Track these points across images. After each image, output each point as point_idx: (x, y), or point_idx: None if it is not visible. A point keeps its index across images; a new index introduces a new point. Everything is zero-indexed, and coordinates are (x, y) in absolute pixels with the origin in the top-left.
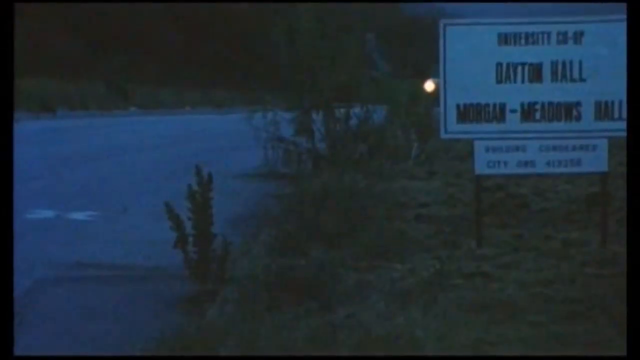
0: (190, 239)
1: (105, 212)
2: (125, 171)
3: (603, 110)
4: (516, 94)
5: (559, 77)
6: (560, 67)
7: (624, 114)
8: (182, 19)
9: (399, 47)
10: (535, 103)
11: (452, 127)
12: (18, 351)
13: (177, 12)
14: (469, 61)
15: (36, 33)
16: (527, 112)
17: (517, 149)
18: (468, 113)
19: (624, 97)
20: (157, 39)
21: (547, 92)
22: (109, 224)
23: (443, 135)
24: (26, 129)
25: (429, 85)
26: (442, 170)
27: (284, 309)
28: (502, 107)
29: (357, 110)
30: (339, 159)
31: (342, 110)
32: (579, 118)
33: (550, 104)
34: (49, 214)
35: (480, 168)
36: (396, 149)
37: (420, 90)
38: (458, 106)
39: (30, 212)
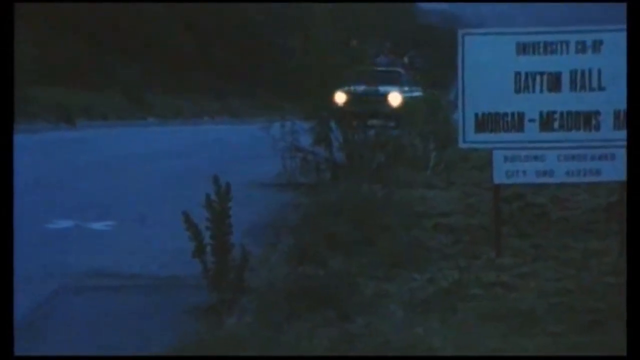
0: (209, 248)
1: (124, 222)
2: (143, 181)
3: (622, 119)
4: (535, 103)
5: (578, 86)
6: (579, 76)
7: None
8: (201, 28)
9: (416, 55)
10: (554, 112)
11: (470, 137)
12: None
13: (196, 21)
14: (487, 71)
15: (55, 44)
16: (546, 121)
17: (535, 158)
18: (486, 122)
19: None
20: (175, 49)
21: (566, 101)
22: (127, 234)
23: (461, 145)
24: (46, 139)
25: (340, 97)
26: (461, 180)
27: (302, 319)
28: (521, 116)
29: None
30: (357, 168)
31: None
32: (597, 127)
33: (569, 113)
34: (68, 223)
35: (499, 177)
36: (414, 158)
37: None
38: (476, 115)
39: (49, 222)
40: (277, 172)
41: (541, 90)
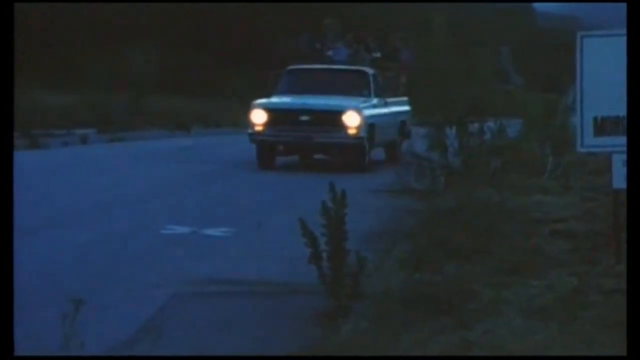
0: (324, 254)
1: (239, 228)
2: (258, 187)
3: None
4: None
5: None
6: None
7: None
8: (307, 32)
9: (533, 60)
10: None
11: (588, 141)
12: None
13: (302, 25)
14: (606, 73)
15: (170, 53)
16: None
17: None
18: (605, 126)
19: None
20: (286, 58)
21: None
22: (243, 240)
23: (579, 149)
24: (162, 146)
25: (257, 116)
26: (578, 185)
27: (419, 325)
28: None
29: (491, 124)
30: (473, 174)
31: (476, 124)
32: None
33: None
34: (184, 230)
35: (618, 182)
36: (531, 164)
37: (557, 103)
38: (595, 119)
39: (165, 228)
40: (392, 178)
41: None
